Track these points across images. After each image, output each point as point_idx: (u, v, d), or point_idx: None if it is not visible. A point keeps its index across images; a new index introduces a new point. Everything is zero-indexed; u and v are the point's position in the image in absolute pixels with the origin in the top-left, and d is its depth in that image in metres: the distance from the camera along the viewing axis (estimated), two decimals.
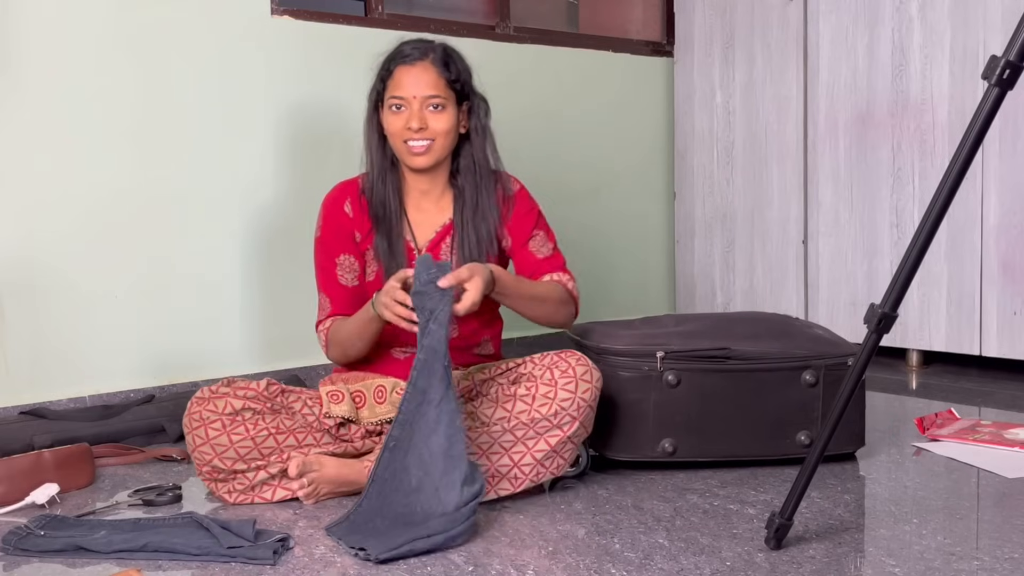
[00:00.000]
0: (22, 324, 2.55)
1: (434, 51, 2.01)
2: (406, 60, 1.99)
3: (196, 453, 1.89)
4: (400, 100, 1.98)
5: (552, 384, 1.88)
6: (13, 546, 1.66)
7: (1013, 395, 2.84)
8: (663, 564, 1.54)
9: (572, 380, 1.88)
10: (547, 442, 1.87)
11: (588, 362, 1.92)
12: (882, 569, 1.51)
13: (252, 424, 1.89)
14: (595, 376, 1.91)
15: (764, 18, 3.64)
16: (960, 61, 3.09)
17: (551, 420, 1.87)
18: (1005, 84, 1.40)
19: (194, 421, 1.88)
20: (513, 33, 3.53)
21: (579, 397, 1.88)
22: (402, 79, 1.99)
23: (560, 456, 1.89)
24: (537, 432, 1.87)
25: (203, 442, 1.87)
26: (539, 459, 1.88)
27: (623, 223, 3.90)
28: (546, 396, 1.87)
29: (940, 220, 1.47)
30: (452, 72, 2.00)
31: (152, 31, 2.72)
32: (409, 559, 1.58)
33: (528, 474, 1.88)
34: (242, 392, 1.92)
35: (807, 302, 3.55)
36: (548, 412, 1.86)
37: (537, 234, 2.10)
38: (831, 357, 2.10)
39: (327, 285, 2.09)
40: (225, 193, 2.88)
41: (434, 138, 1.98)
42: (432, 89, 1.98)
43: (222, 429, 1.87)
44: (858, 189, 3.37)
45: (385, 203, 2.06)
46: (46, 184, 2.57)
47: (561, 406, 1.87)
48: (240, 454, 1.87)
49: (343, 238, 2.08)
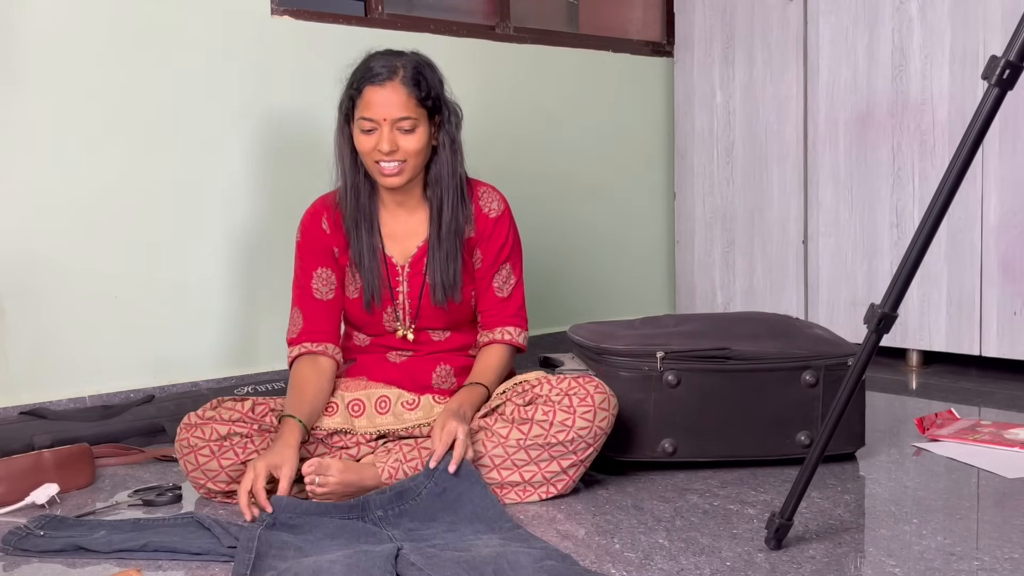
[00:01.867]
0: (22, 324, 2.55)
1: (404, 67, 1.94)
2: (375, 80, 1.93)
3: (190, 478, 1.92)
4: (370, 122, 1.95)
5: (571, 412, 1.87)
6: (13, 546, 1.66)
7: (1013, 395, 2.84)
8: (663, 564, 1.54)
9: (591, 409, 1.88)
10: (559, 464, 1.89)
11: (605, 388, 1.92)
12: (882, 569, 1.51)
13: (241, 448, 1.89)
14: (612, 403, 1.92)
15: (764, 18, 3.63)
16: (960, 61, 3.09)
17: (567, 446, 1.87)
18: (1005, 84, 1.40)
19: (184, 448, 1.91)
20: (513, 33, 3.53)
21: (596, 425, 1.89)
22: (371, 100, 1.93)
23: (571, 478, 1.91)
24: (551, 456, 1.88)
25: (194, 468, 1.90)
26: (549, 479, 1.89)
27: (623, 223, 3.90)
28: (564, 424, 1.87)
29: (940, 220, 1.47)
30: (423, 90, 1.95)
31: (152, 31, 2.72)
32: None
33: (537, 489, 1.90)
34: (227, 415, 1.93)
35: (807, 302, 3.55)
36: (565, 439, 1.87)
37: (503, 268, 2.09)
38: (831, 357, 2.10)
39: (300, 299, 2.09)
40: (226, 193, 2.88)
41: (406, 159, 1.96)
42: (402, 111, 1.93)
43: (211, 455, 1.89)
44: (858, 189, 3.37)
45: (357, 218, 2.05)
46: (46, 184, 2.57)
47: (579, 434, 1.87)
48: (232, 477, 1.89)
49: (320, 253, 2.09)
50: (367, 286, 2.05)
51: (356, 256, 2.06)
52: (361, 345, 2.14)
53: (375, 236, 2.07)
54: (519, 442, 1.87)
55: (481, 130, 3.35)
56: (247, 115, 2.90)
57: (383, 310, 2.07)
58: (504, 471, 1.88)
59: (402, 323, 2.08)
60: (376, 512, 1.73)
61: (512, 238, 2.11)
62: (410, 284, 2.07)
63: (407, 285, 2.07)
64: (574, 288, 3.72)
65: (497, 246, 2.08)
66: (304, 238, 2.11)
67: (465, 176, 2.08)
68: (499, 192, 2.12)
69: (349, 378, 2.10)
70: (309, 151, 2.96)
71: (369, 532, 1.67)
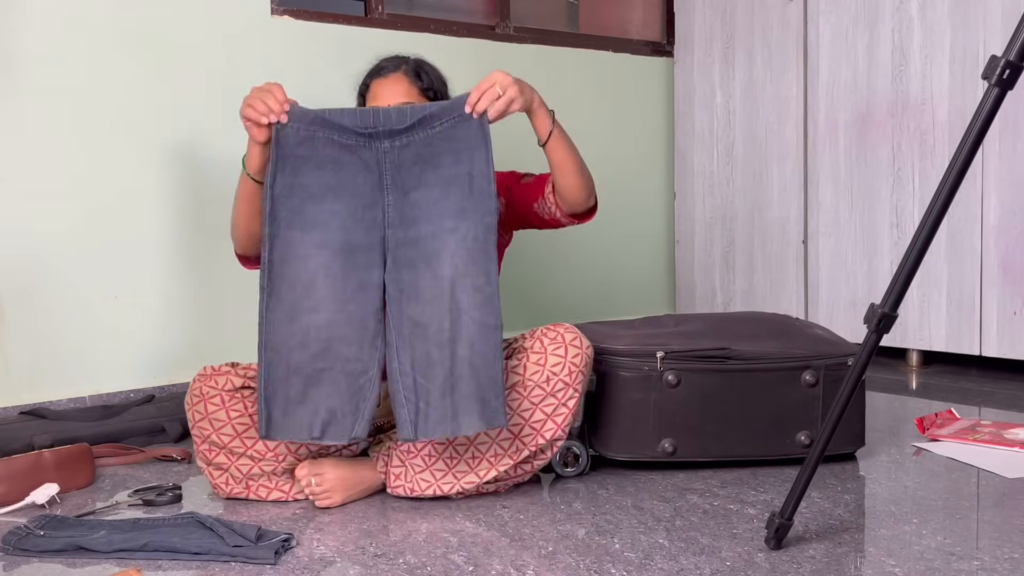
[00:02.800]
0: (22, 324, 2.55)
1: (406, 63, 2.13)
2: (380, 73, 2.12)
3: (195, 429, 1.92)
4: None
5: (542, 351, 1.90)
6: (13, 546, 1.66)
7: (1013, 395, 2.84)
8: (663, 564, 1.54)
9: (561, 345, 1.90)
10: (542, 411, 1.89)
11: (576, 330, 1.95)
12: (882, 569, 1.51)
13: (251, 402, 1.91)
14: (585, 344, 1.93)
15: (764, 18, 3.64)
16: (960, 61, 3.09)
17: (543, 388, 1.88)
18: (1005, 84, 1.40)
19: (194, 396, 1.92)
20: (513, 33, 3.53)
21: (569, 362, 1.90)
22: (377, 91, 2.10)
23: (561, 429, 1.89)
24: (532, 403, 1.88)
25: (202, 417, 1.90)
26: (543, 434, 1.89)
27: (623, 223, 3.90)
28: (537, 364, 1.89)
29: (940, 220, 1.47)
30: (424, 81, 2.11)
31: (152, 31, 2.73)
32: (409, 560, 1.58)
33: (527, 443, 1.89)
34: (243, 371, 1.96)
35: (807, 302, 3.55)
36: (540, 379, 1.88)
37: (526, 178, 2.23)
38: (831, 357, 2.10)
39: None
40: (225, 193, 2.87)
41: None
42: (404, 96, 2.07)
43: (221, 404, 1.90)
44: (858, 189, 3.37)
45: None
46: (46, 184, 2.57)
47: (552, 371, 1.88)
48: (237, 431, 1.90)
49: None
50: None
51: None
52: None
53: None
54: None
55: None
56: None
57: None
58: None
59: None
60: (384, 143, 1.86)
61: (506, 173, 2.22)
62: None
63: None
64: (574, 288, 3.72)
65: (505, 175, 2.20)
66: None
67: None
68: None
69: None
70: None
71: (370, 169, 1.85)
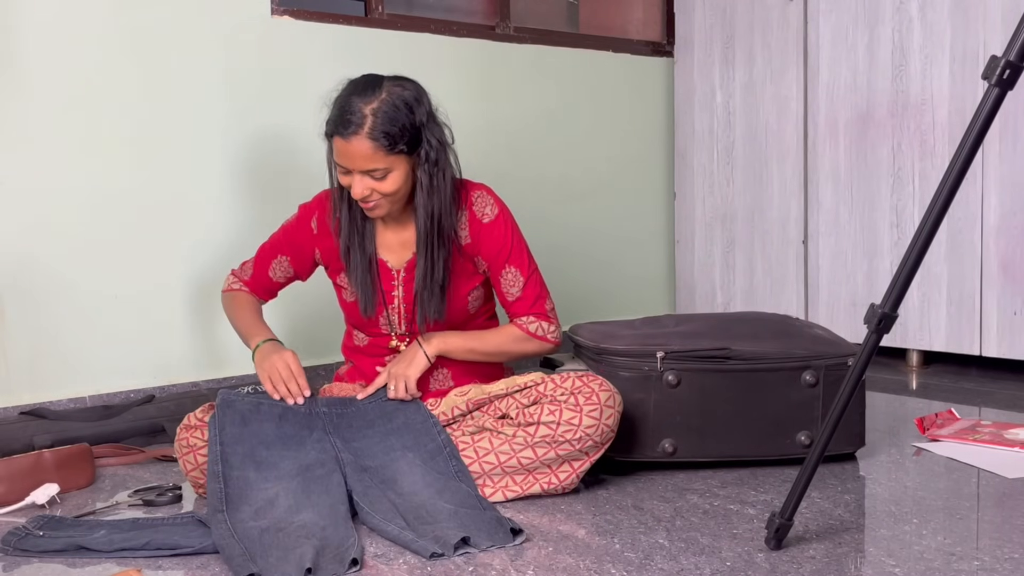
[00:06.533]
0: (22, 324, 2.55)
1: (374, 115, 1.87)
2: (342, 133, 1.88)
3: (189, 477, 1.93)
4: (343, 167, 1.93)
5: (577, 410, 1.87)
6: (13, 546, 1.66)
7: (1013, 395, 2.84)
8: (663, 564, 1.54)
9: (597, 407, 1.88)
10: (571, 465, 1.89)
11: (610, 386, 1.92)
12: (882, 569, 1.51)
13: None
14: (617, 401, 1.92)
15: (764, 18, 3.63)
16: (960, 61, 3.09)
17: (574, 444, 1.87)
18: (1005, 84, 1.40)
19: (183, 448, 1.92)
20: (513, 33, 3.53)
21: (603, 423, 1.88)
22: (340, 150, 1.89)
23: (575, 471, 1.90)
24: (559, 455, 1.88)
25: (193, 468, 1.91)
26: (553, 468, 1.90)
27: (623, 223, 3.90)
28: (570, 423, 1.86)
29: (940, 220, 1.47)
30: (391, 139, 1.87)
31: (152, 31, 2.72)
32: (409, 560, 1.58)
33: (539, 479, 1.90)
34: None
35: (807, 302, 3.55)
36: (572, 437, 1.86)
37: (508, 271, 2.06)
38: (831, 357, 2.10)
39: (260, 262, 2.21)
40: (225, 192, 2.87)
41: (383, 196, 1.94)
42: (370, 164, 1.88)
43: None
44: (858, 189, 3.37)
45: (351, 230, 2.04)
46: (46, 185, 2.57)
47: (586, 432, 1.87)
48: None
49: (296, 247, 2.16)
50: (362, 297, 2.04)
51: (350, 266, 2.05)
52: (360, 345, 2.14)
53: (368, 246, 2.06)
54: (526, 440, 1.87)
55: (481, 130, 3.36)
56: (248, 115, 2.89)
57: (379, 315, 2.08)
58: (508, 468, 1.88)
59: (397, 327, 2.08)
60: (322, 408, 1.96)
61: (511, 239, 2.05)
62: (405, 289, 2.07)
63: (402, 290, 2.07)
64: (574, 288, 3.72)
65: (495, 250, 2.05)
66: (294, 223, 2.17)
67: (455, 185, 2.03)
68: (494, 194, 2.08)
69: (347, 381, 2.10)
70: (310, 150, 2.96)
71: (313, 426, 1.92)
